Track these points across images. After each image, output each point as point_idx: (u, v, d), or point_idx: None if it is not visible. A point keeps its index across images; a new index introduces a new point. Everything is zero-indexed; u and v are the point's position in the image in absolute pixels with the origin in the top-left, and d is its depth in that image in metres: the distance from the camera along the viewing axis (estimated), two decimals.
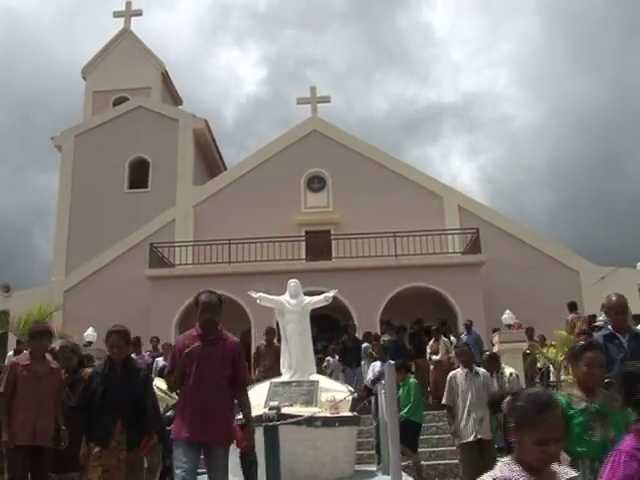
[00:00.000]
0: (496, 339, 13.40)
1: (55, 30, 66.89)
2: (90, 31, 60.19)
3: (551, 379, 13.23)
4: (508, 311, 15.88)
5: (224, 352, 4.53)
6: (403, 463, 8.27)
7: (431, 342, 13.82)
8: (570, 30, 65.06)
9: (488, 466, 5.32)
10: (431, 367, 13.41)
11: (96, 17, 59.86)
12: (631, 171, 61.99)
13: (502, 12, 70.97)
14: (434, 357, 13.43)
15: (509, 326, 15.23)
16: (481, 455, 6.58)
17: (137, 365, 5.41)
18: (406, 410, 8.34)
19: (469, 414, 6.71)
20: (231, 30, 74.08)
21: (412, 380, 8.82)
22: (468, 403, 6.75)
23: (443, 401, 7.00)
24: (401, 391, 8.76)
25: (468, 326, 14.64)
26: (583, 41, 64.57)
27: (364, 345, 13.58)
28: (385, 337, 13.37)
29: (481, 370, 7.10)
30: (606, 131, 60.83)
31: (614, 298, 5.17)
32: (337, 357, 13.62)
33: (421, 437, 9.08)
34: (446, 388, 6.96)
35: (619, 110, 61.21)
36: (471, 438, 6.66)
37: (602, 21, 64.00)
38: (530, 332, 14.44)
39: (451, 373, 7.13)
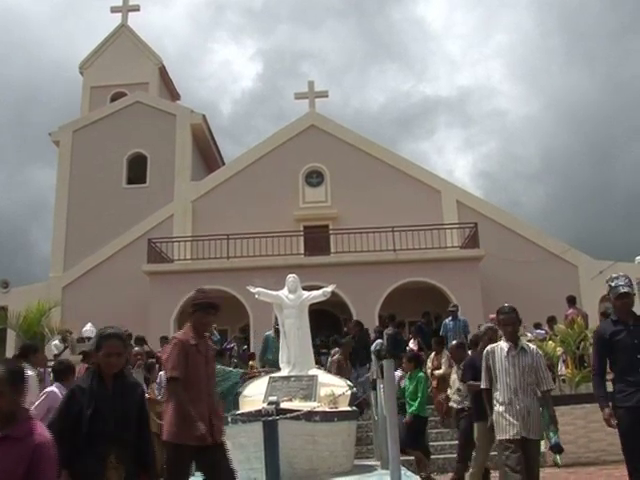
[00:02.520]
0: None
1: (49, 25, 66.72)
2: (84, 26, 60.12)
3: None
4: (505, 305, 15.89)
5: None
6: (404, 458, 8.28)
7: (432, 355, 11.72)
8: (565, 25, 65.06)
9: (531, 470, 5.15)
10: (433, 384, 11.23)
11: (90, 13, 59.63)
12: (625, 165, 62.04)
13: (496, 6, 70.97)
14: (436, 372, 11.22)
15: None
16: (525, 456, 5.22)
17: (132, 379, 4.07)
18: (416, 406, 8.40)
19: (510, 403, 5.29)
20: (226, 25, 74.04)
21: (421, 374, 8.78)
22: (510, 388, 5.34)
23: (482, 385, 5.62)
24: (407, 382, 8.74)
25: (454, 312, 14.11)
26: (577, 36, 64.58)
27: (377, 341, 12.55)
28: (388, 331, 13.37)
29: (531, 346, 5.61)
30: (600, 124, 60.93)
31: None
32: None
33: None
34: (483, 369, 5.62)
35: (613, 104, 61.20)
36: (510, 435, 5.24)
37: (596, 16, 63.99)
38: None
39: (489, 347, 5.64)
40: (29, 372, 4.70)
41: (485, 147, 68.49)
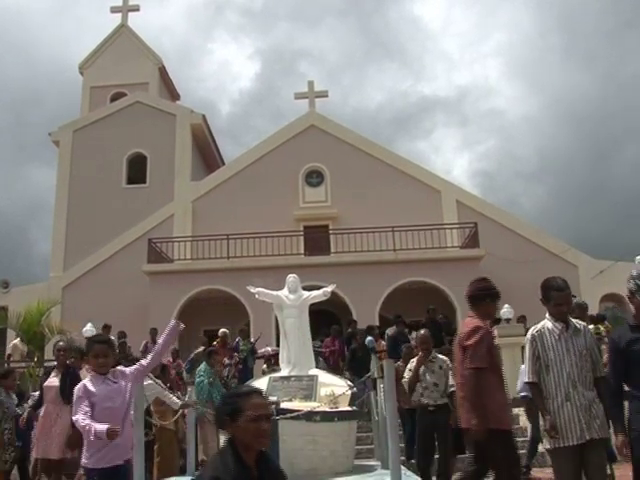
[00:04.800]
0: (494, 333, 13.40)
1: (48, 25, 66.72)
2: (84, 26, 60.10)
3: None
4: (507, 305, 15.90)
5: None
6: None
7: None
8: (563, 23, 65.06)
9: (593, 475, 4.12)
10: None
11: (90, 13, 59.68)
12: (625, 164, 62.05)
13: (494, 4, 71.02)
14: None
15: (508, 320, 15.24)
16: (588, 461, 4.21)
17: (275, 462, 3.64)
18: None
19: (568, 398, 4.22)
20: (225, 24, 74.03)
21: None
22: (567, 380, 4.24)
23: (527, 378, 4.45)
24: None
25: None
26: (576, 35, 64.59)
27: (368, 339, 12.35)
28: (389, 331, 13.37)
29: (581, 323, 4.50)
30: (599, 124, 60.94)
31: None
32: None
33: None
34: (528, 358, 4.42)
35: (612, 103, 61.22)
36: (574, 440, 4.16)
37: (595, 15, 63.99)
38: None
39: (534, 330, 4.47)
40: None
41: (483, 146, 68.59)
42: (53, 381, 7.23)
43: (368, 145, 22.77)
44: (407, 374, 7.40)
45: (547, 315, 4.50)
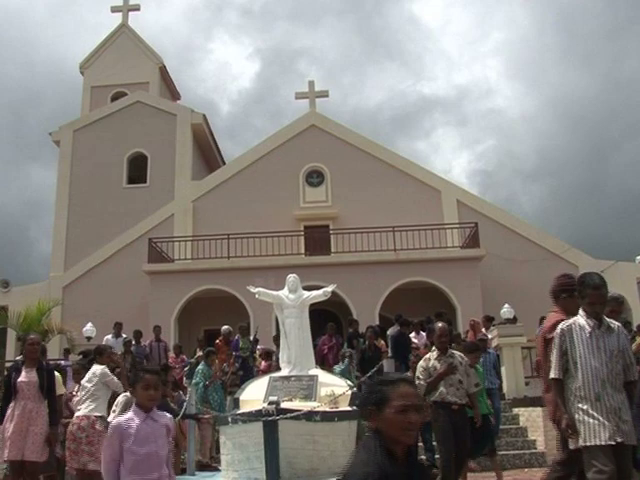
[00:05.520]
0: (495, 333, 13.41)
1: (48, 25, 66.74)
2: (84, 26, 60.10)
3: None
4: (507, 305, 15.91)
5: None
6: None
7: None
8: (562, 23, 65.06)
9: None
10: None
11: (90, 12, 59.69)
12: (624, 164, 62.04)
13: (493, 3, 71.04)
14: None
15: (515, 319, 15.23)
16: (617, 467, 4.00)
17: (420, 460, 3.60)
18: (485, 405, 7.61)
19: (598, 398, 4.10)
20: (224, 24, 74.01)
21: (480, 368, 8.43)
22: (597, 380, 4.11)
23: (552, 374, 4.31)
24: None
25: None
26: (575, 34, 64.59)
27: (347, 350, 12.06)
28: (391, 331, 13.33)
29: (615, 323, 4.37)
30: (598, 123, 60.96)
31: None
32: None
33: None
34: (555, 353, 4.32)
35: (611, 103, 61.21)
36: (602, 439, 4.02)
37: (594, 14, 64.00)
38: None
39: (564, 325, 4.35)
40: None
41: (482, 146, 68.54)
42: (31, 377, 6.71)
43: (369, 145, 22.76)
44: (422, 374, 6.79)
45: (580, 311, 4.35)
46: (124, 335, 14.66)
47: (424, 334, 13.54)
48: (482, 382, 7.58)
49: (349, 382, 8.45)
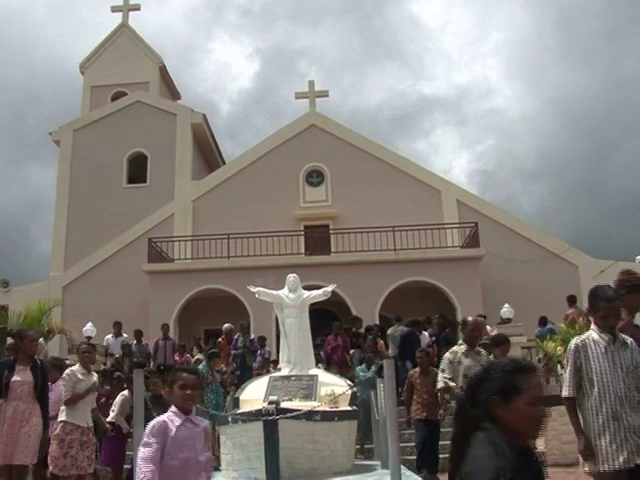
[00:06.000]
0: (495, 333, 13.41)
1: (49, 25, 66.72)
2: (84, 26, 60.08)
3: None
4: (507, 305, 15.91)
5: None
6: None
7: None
8: (562, 23, 65.06)
9: None
10: None
11: (90, 12, 59.67)
12: (624, 164, 62.05)
13: (493, 3, 71.03)
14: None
15: (509, 320, 15.24)
16: None
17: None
18: None
19: (615, 417, 3.84)
20: (224, 24, 74.00)
21: None
22: (614, 397, 3.87)
23: (565, 393, 4.04)
24: None
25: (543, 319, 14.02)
26: (575, 34, 64.58)
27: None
28: (401, 331, 13.30)
29: (628, 338, 4.13)
30: (598, 123, 60.97)
31: None
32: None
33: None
34: (568, 370, 4.07)
35: (611, 103, 61.21)
36: (620, 464, 3.74)
37: (594, 14, 63.99)
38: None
39: (577, 340, 4.13)
40: None
41: (482, 146, 68.56)
42: (25, 376, 6.19)
43: (369, 145, 22.75)
44: (448, 367, 6.27)
45: (592, 325, 4.13)
46: (125, 334, 14.65)
47: (426, 333, 13.54)
48: None
49: (349, 382, 8.45)
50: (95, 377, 7.05)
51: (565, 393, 4.01)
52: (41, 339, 15.48)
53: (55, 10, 67.99)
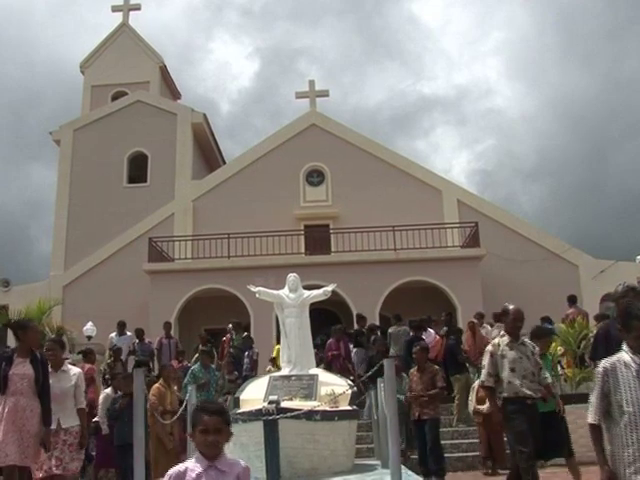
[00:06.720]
0: (495, 332, 13.40)
1: (49, 24, 66.72)
2: (85, 25, 60.09)
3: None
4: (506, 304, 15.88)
5: None
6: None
7: (476, 384, 9.14)
8: (562, 23, 65.05)
9: None
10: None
11: (91, 11, 59.67)
12: (624, 164, 62.02)
13: (493, 2, 71.05)
14: (480, 407, 9.03)
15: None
16: None
17: None
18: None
19: None
20: (224, 24, 74.01)
21: (550, 357, 8.00)
22: None
23: (590, 419, 3.79)
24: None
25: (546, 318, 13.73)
26: (575, 34, 64.59)
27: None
28: (391, 329, 13.28)
29: None
30: (598, 123, 60.96)
31: None
32: None
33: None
34: (595, 395, 3.78)
35: (611, 103, 61.19)
36: None
37: (594, 14, 64.00)
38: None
39: (606, 362, 3.76)
40: None
41: (482, 146, 68.53)
42: (26, 369, 5.74)
43: (369, 144, 22.75)
44: (490, 362, 5.84)
45: (624, 346, 3.74)
46: (128, 333, 14.63)
47: (432, 331, 13.47)
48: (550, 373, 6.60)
49: (349, 382, 8.45)
50: (73, 373, 6.42)
51: (590, 419, 3.75)
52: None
53: (55, 10, 68.07)
